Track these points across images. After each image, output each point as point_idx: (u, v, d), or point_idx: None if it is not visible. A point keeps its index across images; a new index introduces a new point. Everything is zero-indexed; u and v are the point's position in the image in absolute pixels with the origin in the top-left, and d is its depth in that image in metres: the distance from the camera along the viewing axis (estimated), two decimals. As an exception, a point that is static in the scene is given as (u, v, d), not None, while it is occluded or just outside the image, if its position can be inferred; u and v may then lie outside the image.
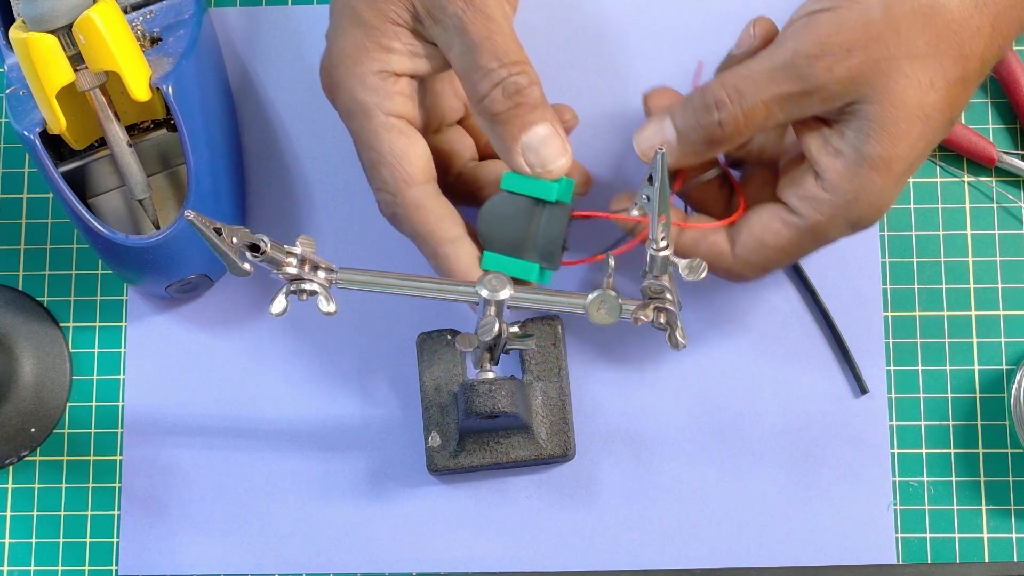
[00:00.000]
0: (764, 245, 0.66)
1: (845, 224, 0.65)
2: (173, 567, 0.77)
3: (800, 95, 0.63)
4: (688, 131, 0.65)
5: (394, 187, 0.66)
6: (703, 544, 0.76)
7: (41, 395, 0.79)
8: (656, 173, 0.57)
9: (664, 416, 0.77)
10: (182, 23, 0.77)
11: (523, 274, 0.65)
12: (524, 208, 0.65)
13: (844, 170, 0.64)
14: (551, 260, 0.66)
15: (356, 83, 0.66)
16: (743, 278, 0.69)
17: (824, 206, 0.64)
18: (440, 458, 0.75)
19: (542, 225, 0.65)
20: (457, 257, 0.66)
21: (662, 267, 0.61)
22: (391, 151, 0.66)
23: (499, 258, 0.66)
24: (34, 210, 0.82)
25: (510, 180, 0.65)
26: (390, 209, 0.67)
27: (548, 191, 0.65)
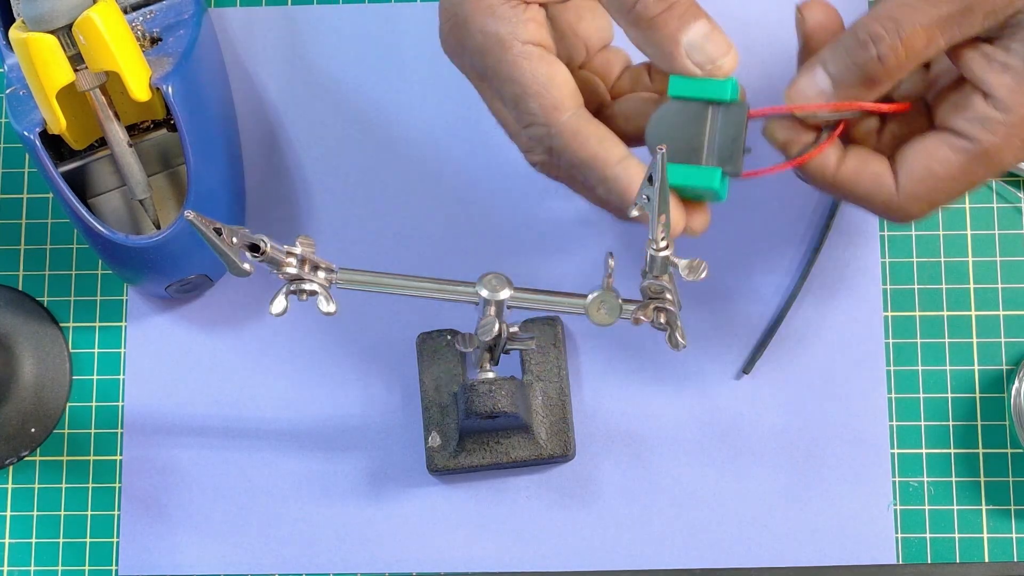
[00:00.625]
0: (932, 174, 0.61)
1: (1021, 144, 0.60)
2: (173, 567, 0.77)
3: (961, 13, 0.59)
4: (843, 74, 0.61)
5: (545, 117, 0.62)
6: (703, 544, 0.76)
7: (41, 395, 0.79)
8: (656, 173, 0.57)
9: (664, 416, 0.77)
10: (182, 23, 0.77)
11: (705, 180, 0.61)
12: (696, 113, 0.61)
13: (1014, 84, 0.59)
14: (733, 163, 0.61)
15: (485, 16, 0.62)
16: (907, 214, 0.63)
17: (997, 126, 0.60)
18: (440, 458, 0.75)
19: (719, 128, 0.61)
20: (629, 177, 0.61)
21: (662, 267, 0.61)
22: (535, 79, 0.62)
23: (676, 168, 0.61)
24: (34, 210, 0.82)
25: (677, 85, 0.61)
26: (544, 144, 0.62)
27: (722, 90, 0.61)
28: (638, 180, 0.60)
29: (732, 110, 0.61)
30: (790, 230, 0.79)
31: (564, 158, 0.62)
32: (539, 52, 0.62)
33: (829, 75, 0.61)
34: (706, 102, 0.61)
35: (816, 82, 0.62)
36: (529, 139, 0.63)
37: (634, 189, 0.60)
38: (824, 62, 0.62)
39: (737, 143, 0.61)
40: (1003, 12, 0.59)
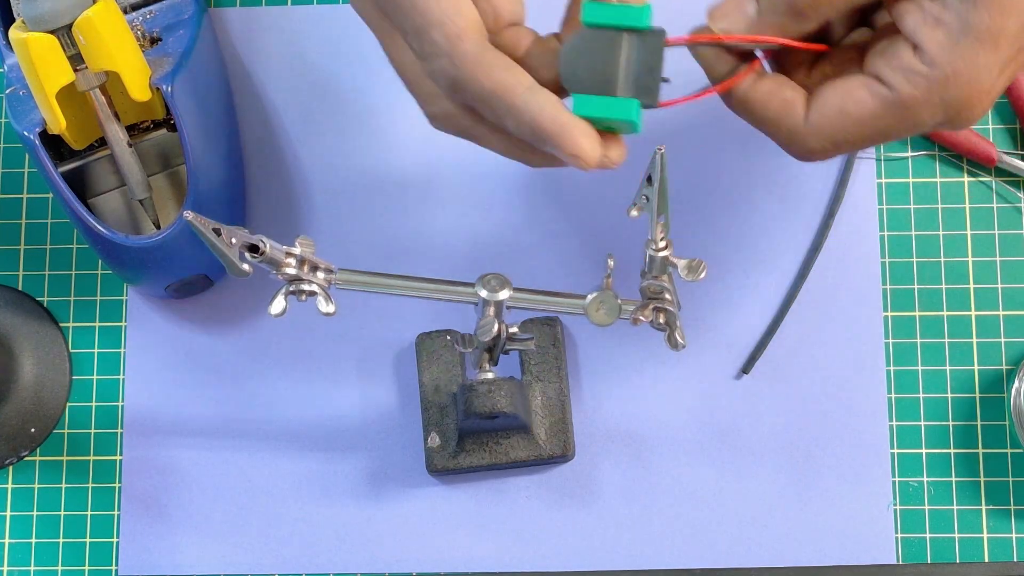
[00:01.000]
0: (844, 113, 0.59)
1: (939, 105, 0.58)
2: (173, 567, 0.77)
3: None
4: (770, 2, 0.58)
5: (448, 46, 0.58)
6: (703, 544, 0.76)
7: (41, 395, 0.79)
8: (655, 172, 0.56)
9: (664, 416, 0.77)
10: (182, 23, 0.77)
11: (622, 112, 0.58)
12: (610, 41, 0.58)
13: (946, 40, 0.57)
14: (650, 94, 0.58)
15: None
16: (809, 151, 0.60)
17: (919, 79, 0.57)
18: (439, 458, 0.75)
19: (635, 57, 0.58)
20: (539, 103, 0.57)
21: (661, 267, 0.60)
22: (439, 7, 0.58)
23: (589, 99, 0.58)
24: (34, 210, 0.82)
25: (592, 11, 0.58)
26: (448, 76, 0.58)
27: (639, 16, 0.58)
28: (549, 107, 0.57)
29: (648, 38, 0.58)
30: (790, 230, 0.79)
31: (469, 90, 0.58)
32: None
33: (756, 1, 0.59)
34: (621, 29, 0.58)
35: (741, 7, 0.59)
36: (431, 74, 0.59)
37: (546, 115, 0.57)
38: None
39: (654, 73, 0.58)
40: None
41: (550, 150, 0.57)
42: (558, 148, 0.57)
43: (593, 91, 0.58)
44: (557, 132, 0.57)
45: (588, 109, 0.58)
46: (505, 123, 0.58)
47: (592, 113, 0.58)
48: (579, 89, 0.58)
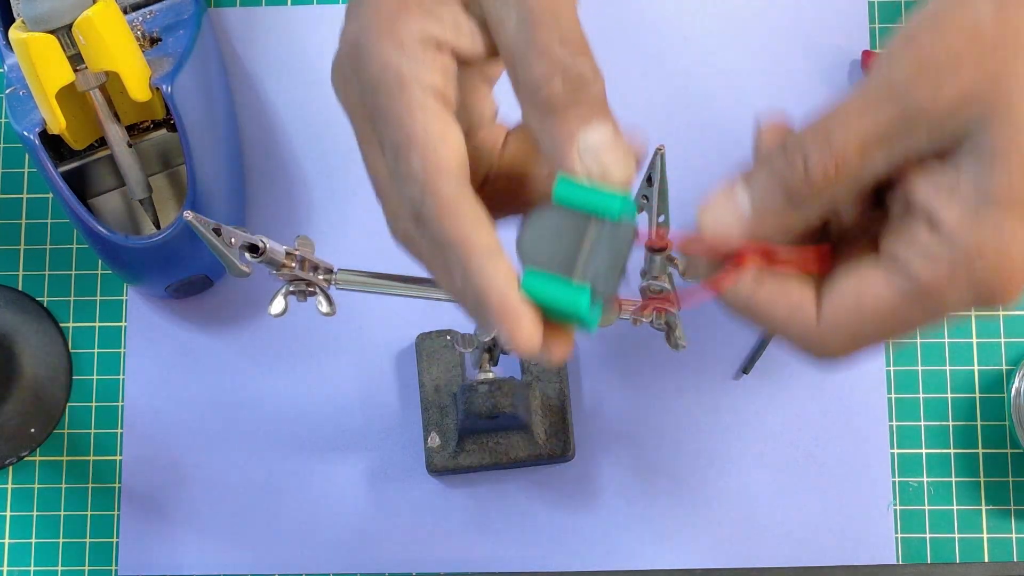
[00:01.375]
0: (860, 309, 0.52)
1: (967, 286, 0.50)
2: (173, 567, 0.77)
3: (901, 126, 0.50)
4: (765, 195, 0.53)
5: (424, 178, 0.53)
6: (703, 544, 0.76)
7: (41, 395, 0.79)
8: (655, 172, 0.56)
9: (664, 416, 0.77)
10: (182, 23, 0.77)
11: (571, 303, 0.52)
12: (577, 224, 0.53)
13: (964, 213, 0.50)
14: (607, 285, 0.53)
15: (391, 47, 0.54)
16: (827, 351, 0.54)
17: (941, 261, 0.50)
18: (440, 458, 0.75)
19: (599, 246, 0.53)
20: (493, 273, 0.52)
21: (661, 267, 0.60)
22: (425, 132, 0.53)
23: (542, 279, 0.53)
24: (34, 210, 0.82)
25: (563, 189, 0.53)
26: (415, 207, 0.53)
27: (610, 205, 0.53)
28: (504, 279, 0.52)
29: (618, 229, 0.53)
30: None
31: (431, 229, 0.53)
32: (438, 105, 0.54)
33: (749, 193, 0.53)
34: (591, 215, 0.53)
35: (735, 204, 0.54)
36: (398, 198, 0.54)
37: (495, 289, 0.52)
38: (746, 178, 0.54)
39: (615, 268, 0.53)
40: (950, 127, 0.50)
41: (488, 321, 0.53)
42: (497, 325, 0.52)
43: (548, 272, 0.53)
44: (499, 310, 0.52)
45: (537, 289, 0.53)
46: (453, 276, 0.53)
47: (540, 295, 0.53)
48: (534, 265, 0.53)
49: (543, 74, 0.53)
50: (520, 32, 0.53)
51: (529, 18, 0.53)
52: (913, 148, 0.51)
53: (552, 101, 0.53)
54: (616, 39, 0.81)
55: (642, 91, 0.81)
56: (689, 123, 0.80)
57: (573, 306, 0.52)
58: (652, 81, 0.81)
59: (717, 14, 0.81)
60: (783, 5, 0.81)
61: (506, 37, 0.53)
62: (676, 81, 0.81)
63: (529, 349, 0.52)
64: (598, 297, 0.53)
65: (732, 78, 0.81)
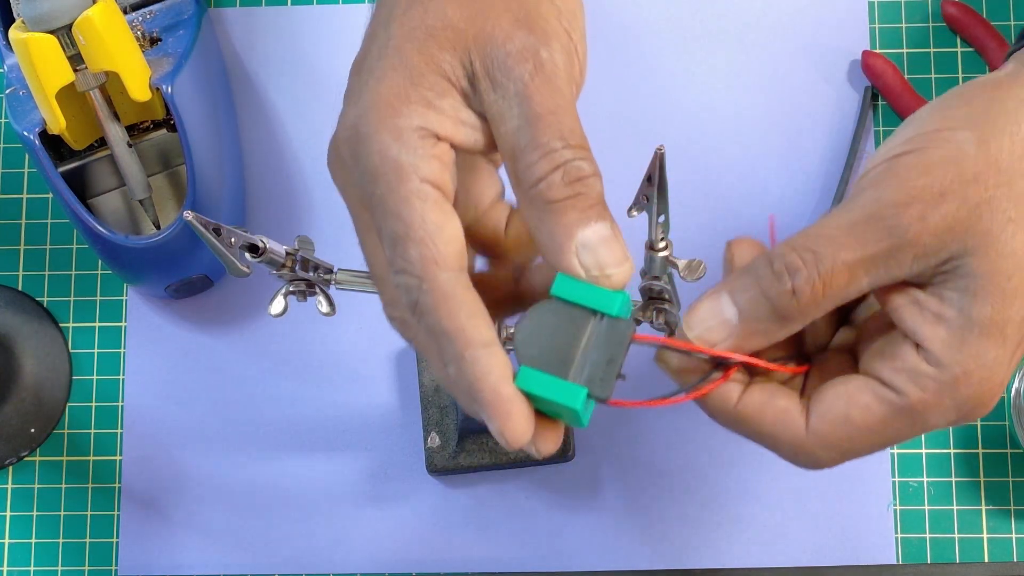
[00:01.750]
0: (849, 421, 0.54)
1: (951, 406, 0.53)
2: (173, 567, 0.77)
3: (888, 253, 0.52)
4: (752, 306, 0.54)
5: (421, 269, 0.53)
6: (703, 544, 0.76)
7: (41, 395, 0.79)
8: (655, 172, 0.56)
9: (664, 416, 0.77)
10: (182, 23, 0.77)
11: (566, 399, 0.53)
12: (576, 320, 0.54)
13: (950, 338, 0.52)
14: (603, 386, 0.54)
15: (390, 137, 0.54)
16: (815, 461, 0.56)
17: (928, 381, 0.53)
18: (439, 458, 0.75)
19: (597, 343, 0.54)
20: (489, 366, 0.52)
21: (661, 268, 0.60)
22: (423, 224, 0.53)
23: (538, 376, 0.53)
24: (34, 210, 0.82)
25: (562, 285, 0.53)
26: (411, 297, 0.53)
27: (609, 302, 0.53)
28: (499, 372, 0.53)
29: (616, 327, 0.54)
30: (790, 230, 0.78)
31: (427, 320, 0.53)
32: (436, 196, 0.54)
33: (736, 305, 0.55)
34: (589, 311, 0.54)
35: (721, 311, 0.55)
36: (396, 287, 0.54)
37: (489, 383, 0.52)
38: (732, 290, 0.55)
39: (612, 365, 0.54)
40: (935, 256, 0.53)
41: (479, 413, 0.53)
42: (488, 418, 0.52)
43: (544, 368, 0.53)
44: (492, 403, 0.52)
45: (533, 385, 0.53)
46: (448, 368, 0.53)
47: (536, 390, 0.53)
48: (530, 363, 0.53)
49: (543, 171, 0.53)
50: (521, 129, 0.54)
51: (530, 116, 0.53)
52: (898, 273, 0.53)
53: (551, 198, 0.53)
54: (616, 40, 0.81)
55: (642, 92, 0.81)
56: (689, 123, 0.80)
57: (570, 404, 0.52)
58: (652, 82, 0.81)
59: (717, 14, 0.81)
60: (783, 5, 0.81)
61: (506, 132, 0.54)
62: (676, 81, 0.81)
63: (517, 445, 0.53)
64: (592, 397, 0.53)
65: (732, 78, 0.81)
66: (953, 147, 0.53)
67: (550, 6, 0.56)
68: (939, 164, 0.53)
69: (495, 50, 0.54)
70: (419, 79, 0.54)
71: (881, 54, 0.80)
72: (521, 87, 0.54)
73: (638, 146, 0.79)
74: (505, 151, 0.54)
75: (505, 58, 0.54)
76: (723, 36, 0.81)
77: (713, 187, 0.79)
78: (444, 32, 0.55)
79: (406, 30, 0.56)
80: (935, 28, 0.81)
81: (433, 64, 0.55)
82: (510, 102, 0.54)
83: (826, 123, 0.80)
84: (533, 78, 0.54)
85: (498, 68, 0.54)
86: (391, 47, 0.56)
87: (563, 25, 0.56)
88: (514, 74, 0.54)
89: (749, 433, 0.57)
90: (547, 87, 0.54)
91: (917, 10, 0.81)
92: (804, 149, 0.80)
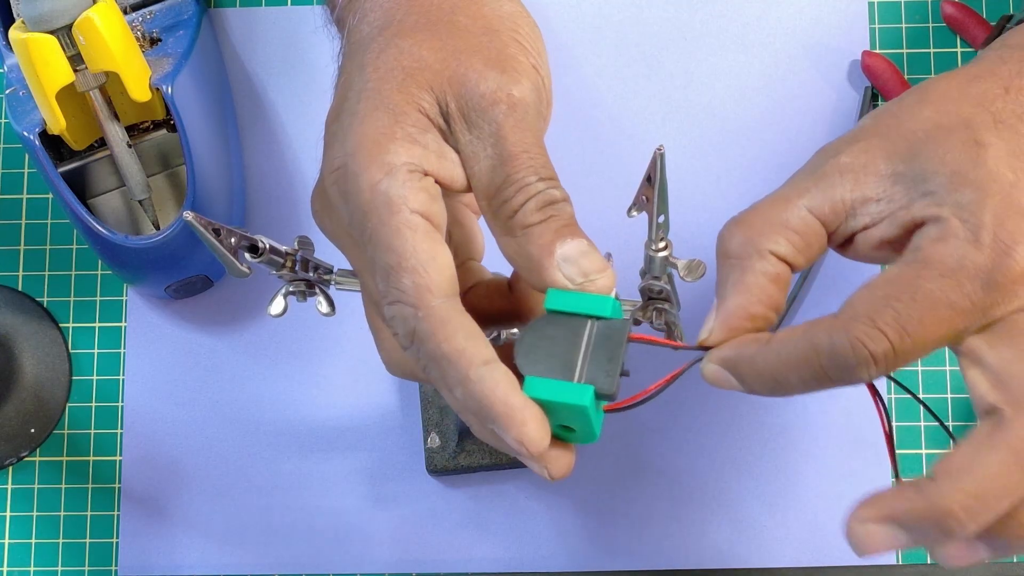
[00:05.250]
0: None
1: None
2: (173, 567, 0.77)
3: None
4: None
5: (416, 297, 0.54)
6: (703, 544, 0.76)
7: (41, 395, 0.79)
8: (655, 172, 0.56)
9: (664, 416, 0.77)
10: (182, 23, 0.77)
11: (574, 398, 0.53)
12: (573, 328, 0.55)
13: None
14: (608, 382, 0.54)
15: (379, 172, 0.55)
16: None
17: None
18: (439, 459, 0.75)
19: (596, 344, 0.55)
20: (495, 380, 0.53)
21: (661, 267, 0.60)
22: (415, 254, 0.54)
23: (544, 383, 0.54)
24: (34, 210, 0.82)
25: (554, 298, 0.55)
26: (408, 326, 0.54)
27: (602, 306, 0.55)
28: (506, 383, 0.53)
29: (612, 326, 0.55)
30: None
31: (426, 347, 0.54)
32: (426, 227, 0.55)
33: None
34: (584, 317, 0.55)
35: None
36: (390, 320, 0.55)
37: (497, 396, 0.53)
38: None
39: (614, 363, 0.55)
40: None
41: (495, 429, 0.53)
42: (503, 431, 0.53)
43: (548, 375, 0.54)
44: (505, 414, 0.52)
45: (540, 391, 0.54)
46: (454, 392, 0.54)
47: (544, 395, 0.54)
48: (534, 373, 0.54)
49: (519, 203, 0.56)
50: (494, 169, 0.56)
51: (504, 155, 0.56)
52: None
53: (526, 223, 0.56)
54: (615, 39, 0.81)
55: (642, 91, 0.81)
56: (689, 123, 0.80)
57: (578, 402, 0.53)
58: (652, 81, 0.81)
59: (717, 14, 0.81)
60: (783, 5, 0.81)
61: (480, 171, 0.57)
62: (676, 81, 0.81)
63: (538, 450, 0.53)
64: (601, 397, 0.54)
65: (732, 78, 0.81)
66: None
67: (517, 45, 0.59)
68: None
69: (469, 91, 0.56)
70: (402, 117, 0.56)
71: (881, 54, 0.80)
72: (495, 128, 0.56)
73: (638, 146, 0.80)
74: (479, 188, 0.57)
75: (480, 99, 0.56)
76: (723, 36, 0.81)
77: (713, 187, 0.79)
78: (421, 73, 0.57)
79: (382, 72, 0.58)
80: (935, 28, 0.81)
81: (413, 102, 0.57)
82: (484, 142, 0.56)
83: (826, 123, 0.80)
84: (507, 118, 0.56)
85: (472, 109, 0.56)
86: (369, 89, 0.57)
87: (531, 61, 0.59)
88: (488, 115, 0.56)
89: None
90: (519, 127, 0.56)
91: (917, 10, 0.81)
92: (804, 149, 0.80)
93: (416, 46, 0.58)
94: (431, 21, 0.59)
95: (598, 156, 0.80)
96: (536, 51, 0.60)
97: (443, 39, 0.58)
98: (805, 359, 0.52)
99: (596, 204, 0.71)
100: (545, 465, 0.55)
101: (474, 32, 0.59)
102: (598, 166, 0.79)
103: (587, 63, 0.81)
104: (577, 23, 0.81)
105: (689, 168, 0.80)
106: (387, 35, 0.59)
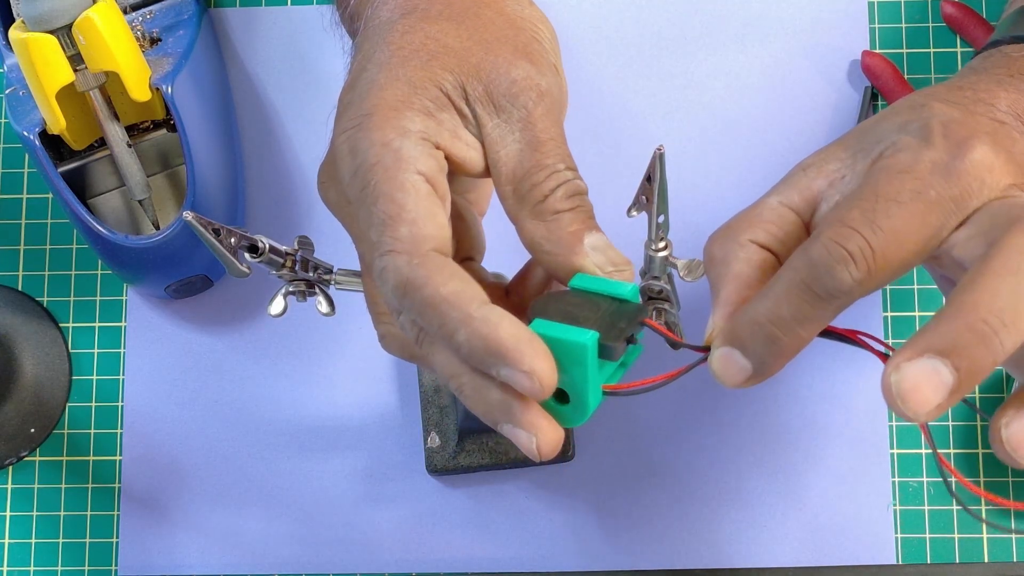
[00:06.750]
0: None
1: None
2: (173, 567, 0.77)
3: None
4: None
5: (412, 245, 0.53)
6: (703, 544, 0.76)
7: (41, 395, 0.79)
8: (655, 172, 0.56)
9: (664, 416, 0.77)
10: (182, 23, 0.77)
11: (578, 336, 0.53)
12: (592, 300, 0.56)
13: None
14: (613, 334, 0.54)
15: (393, 131, 0.55)
16: None
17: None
18: (439, 459, 0.75)
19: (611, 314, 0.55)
20: (499, 315, 0.52)
21: (661, 267, 0.60)
22: (416, 208, 0.54)
23: (551, 324, 0.53)
24: (34, 210, 0.82)
25: (579, 280, 0.57)
26: (400, 275, 0.53)
27: (622, 289, 0.56)
28: (506, 320, 0.52)
29: (629, 306, 0.56)
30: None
31: (422, 295, 0.53)
32: (429, 190, 0.55)
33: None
34: (605, 296, 0.56)
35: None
36: (382, 273, 0.54)
37: (504, 329, 0.52)
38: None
39: (623, 328, 0.55)
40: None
41: (500, 370, 0.52)
42: (511, 365, 0.51)
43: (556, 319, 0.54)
44: (513, 347, 0.51)
45: (546, 328, 0.53)
46: (456, 336, 0.53)
47: (549, 332, 0.53)
48: (544, 317, 0.54)
49: (550, 187, 0.57)
50: (524, 152, 0.57)
51: (534, 141, 0.57)
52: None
53: (557, 208, 0.57)
54: (616, 40, 0.81)
55: (642, 91, 0.81)
56: (689, 123, 0.80)
57: (580, 338, 0.53)
58: (652, 81, 0.81)
59: (717, 14, 0.81)
60: (783, 5, 0.81)
61: (506, 155, 0.57)
62: (676, 81, 0.81)
63: (548, 383, 0.52)
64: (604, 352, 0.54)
65: (732, 78, 0.81)
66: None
67: (539, 44, 0.60)
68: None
69: (500, 76, 0.58)
70: (421, 91, 0.57)
71: (881, 54, 0.80)
72: (525, 114, 0.57)
73: (638, 146, 0.80)
74: (505, 172, 0.57)
75: (511, 84, 0.57)
76: (723, 36, 0.81)
77: (713, 187, 0.79)
78: (445, 56, 0.58)
79: (406, 52, 0.58)
80: (935, 28, 0.81)
81: (435, 80, 0.57)
82: (512, 127, 0.57)
83: (826, 123, 0.80)
84: (537, 105, 0.57)
85: (503, 94, 0.57)
86: (392, 63, 0.58)
87: (551, 60, 0.60)
88: (519, 100, 0.57)
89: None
90: (548, 115, 0.58)
91: (917, 10, 0.81)
92: (804, 149, 0.80)
93: (441, 33, 0.59)
94: (455, 12, 0.60)
95: (598, 156, 0.80)
96: (554, 51, 0.62)
97: (469, 29, 0.59)
98: (790, 284, 0.52)
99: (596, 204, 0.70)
100: (535, 433, 0.54)
101: (500, 25, 0.60)
102: (598, 166, 0.79)
103: (587, 63, 0.81)
104: (577, 23, 0.82)
105: (689, 168, 0.80)
106: (412, 19, 0.60)
